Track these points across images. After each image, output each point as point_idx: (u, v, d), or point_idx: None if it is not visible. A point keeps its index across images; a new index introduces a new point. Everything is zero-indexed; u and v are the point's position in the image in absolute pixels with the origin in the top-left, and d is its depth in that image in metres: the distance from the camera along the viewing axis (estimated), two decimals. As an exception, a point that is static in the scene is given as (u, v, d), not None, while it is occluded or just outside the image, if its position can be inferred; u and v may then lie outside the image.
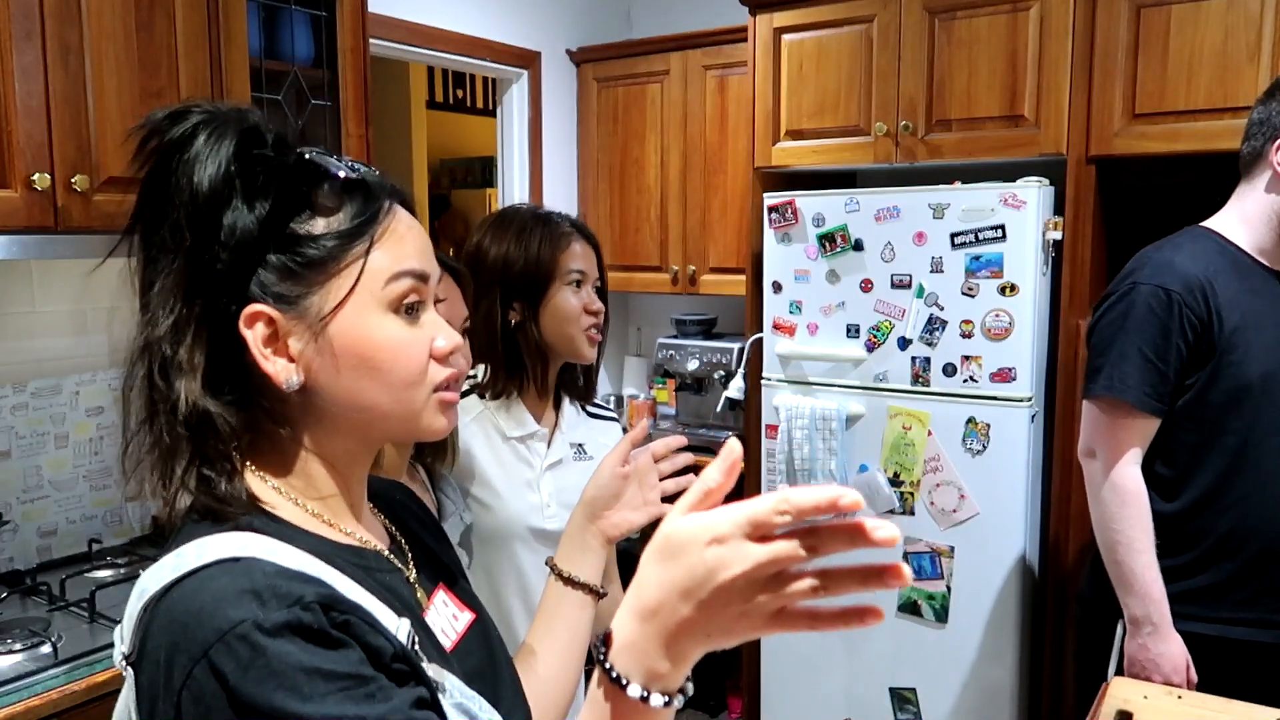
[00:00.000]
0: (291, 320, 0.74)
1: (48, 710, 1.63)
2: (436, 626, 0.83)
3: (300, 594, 0.66)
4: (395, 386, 0.76)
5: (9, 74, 1.75)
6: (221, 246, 0.72)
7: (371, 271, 0.75)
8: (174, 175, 0.72)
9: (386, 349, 0.75)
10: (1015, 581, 2.55)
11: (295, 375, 0.74)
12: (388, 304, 0.76)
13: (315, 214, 0.75)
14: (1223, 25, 2.32)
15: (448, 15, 3.20)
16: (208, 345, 0.73)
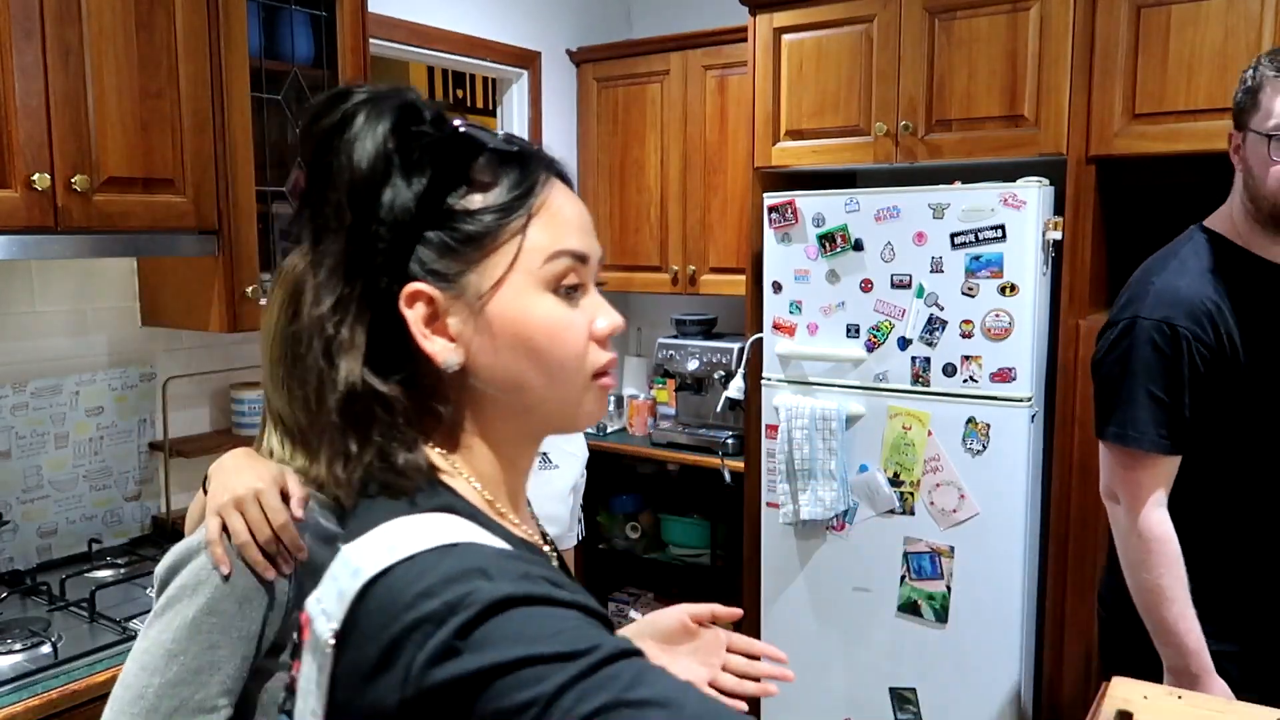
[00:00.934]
0: (450, 299, 0.72)
1: (48, 710, 1.63)
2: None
3: (525, 570, 0.65)
4: (553, 369, 0.74)
5: (9, 74, 1.75)
6: (381, 224, 0.70)
7: (529, 249, 0.73)
8: (336, 156, 0.71)
9: (544, 330, 0.73)
10: (1015, 581, 2.55)
11: (455, 355, 0.72)
12: (545, 283, 0.73)
13: (471, 189, 0.73)
14: (1223, 25, 2.32)
15: (448, 15, 3.20)
16: (370, 324, 0.72)
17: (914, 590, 2.68)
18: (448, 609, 0.61)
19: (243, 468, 1.10)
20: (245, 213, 2.17)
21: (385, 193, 0.71)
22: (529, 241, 0.73)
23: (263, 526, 1.04)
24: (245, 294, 2.18)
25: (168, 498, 2.43)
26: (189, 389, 2.49)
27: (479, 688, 0.59)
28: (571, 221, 0.75)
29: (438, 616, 0.61)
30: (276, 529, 1.05)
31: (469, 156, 0.73)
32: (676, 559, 3.68)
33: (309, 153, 0.73)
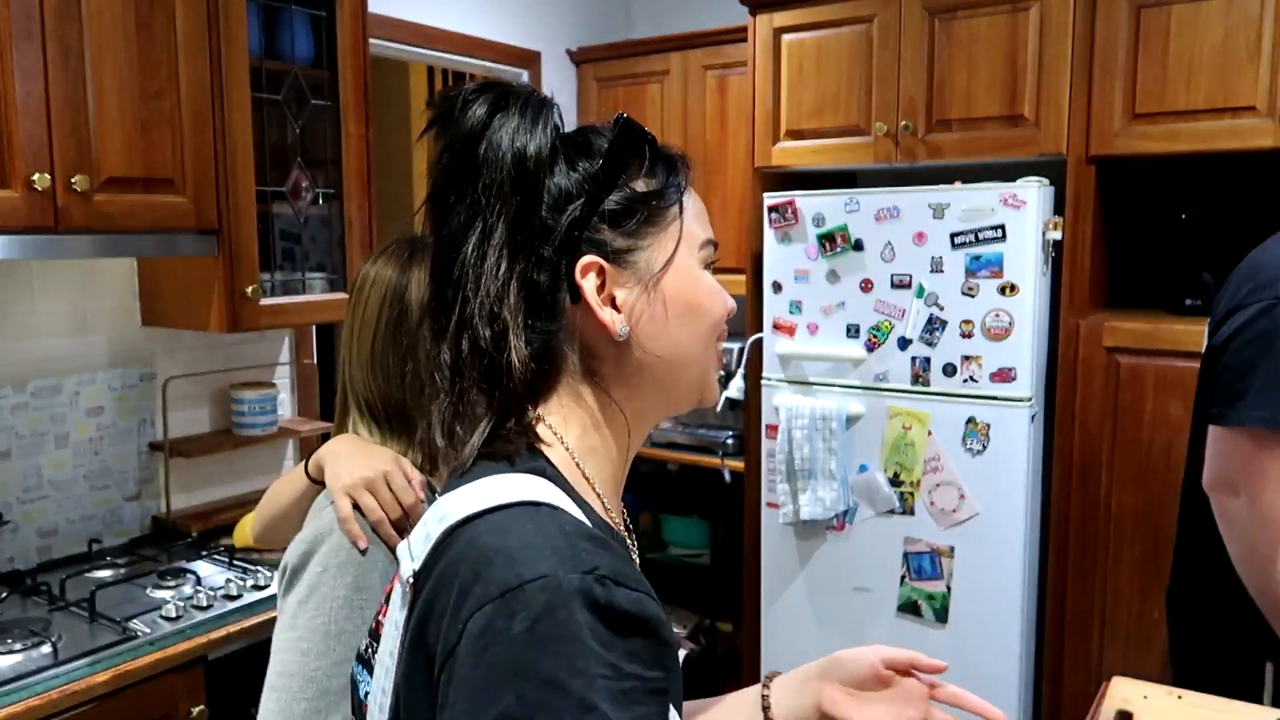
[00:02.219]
0: (621, 272, 0.77)
1: (48, 710, 1.63)
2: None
3: (596, 564, 0.66)
4: (710, 332, 0.81)
5: (9, 74, 1.75)
6: (549, 208, 0.76)
7: (688, 233, 0.81)
8: (489, 143, 0.75)
9: (708, 296, 0.81)
10: (1015, 581, 2.55)
11: (623, 325, 0.77)
12: (701, 262, 0.82)
13: (634, 176, 0.79)
14: (1223, 25, 2.32)
15: (448, 15, 3.20)
16: (525, 304, 0.76)
17: (914, 590, 2.68)
18: (515, 580, 0.64)
19: (362, 451, 1.16)
20: (245, 213, 2.17)
21: (555, 176, 0.76)
22: (686, 226, 0.81)
23: (394, 505, 1.11)
24: (245, 294, 2.18)
25: (168, 498, 2.43)
26: (189, 389, 2.49)
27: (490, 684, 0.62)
28: (704, 213, 0.85)
29: (503, 583, 0.64)
30: (407, 508, 1.12)
31: (635, 148, 0.79)
32: (676, 559, 3.68)
33: (454, 144, 0.76)
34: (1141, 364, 2.46)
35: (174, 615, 1.88)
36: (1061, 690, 2.66)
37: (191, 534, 2.36)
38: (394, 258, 1.21)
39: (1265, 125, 2.29)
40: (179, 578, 2.09)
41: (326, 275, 2.44)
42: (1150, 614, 2.51)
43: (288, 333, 2.73)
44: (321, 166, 2.39)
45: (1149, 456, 2.47)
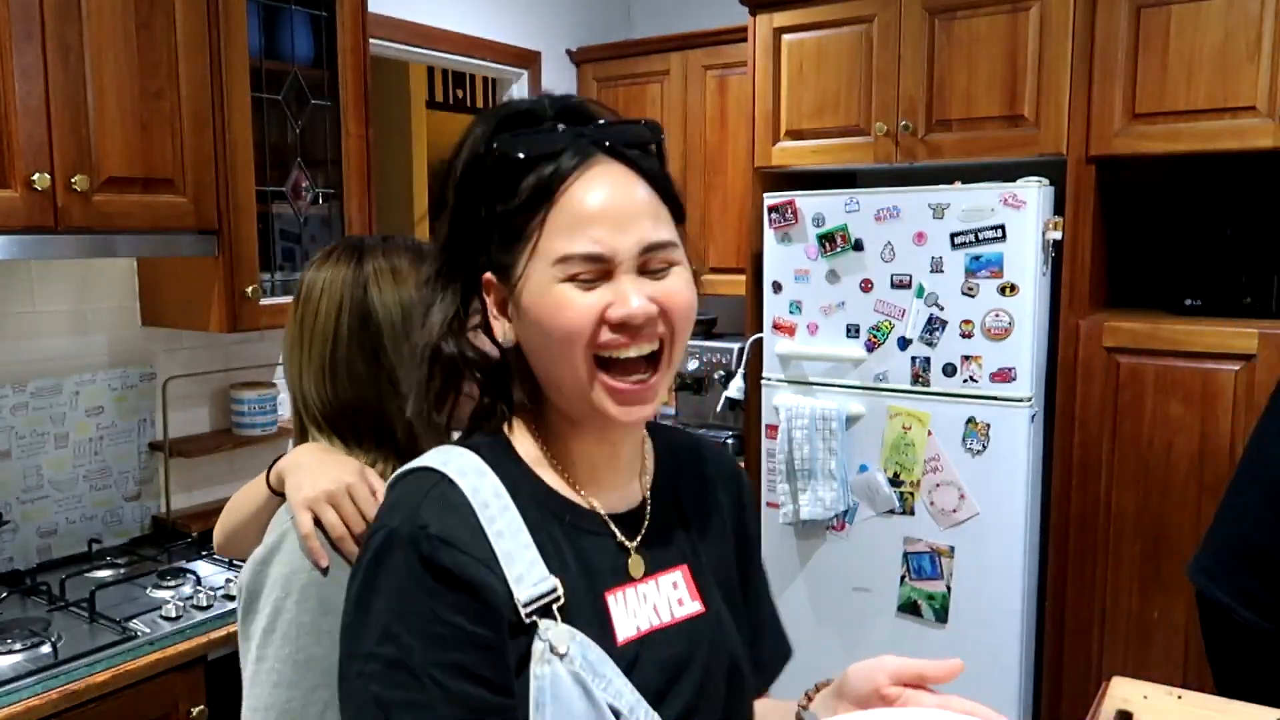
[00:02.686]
0: (504, 287, 0.83)
1: (48, 710, 1.63)
2: (646, 601, 0.86)
3: (427, 523, 0.77)
4: (556, 348, 0.80)
5: (9, 74, 1.75)
6: (468, 226, 0.84)
7: (542, 248, 0.80)
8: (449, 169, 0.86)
9: (549, 311, 0.79)
10: (1015, 581, 2.55)
11: (509, 335, 0.84)
12: (558, 277, 0.79)
13: (510, 195, 0.81)
14: (1223, 25, 2.32)
15: (448, 15, 3.20)
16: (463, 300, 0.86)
17: (914, 590, 2.68)
18: (375, 527, 0.81)
19: (324, 463, 1.11)
20: (245, 213, 2.17)
21: (473, 197, 0.83)
22: (544, 240, 0.80)
23: (357, 519, 1.06)
24: (245, 294, 2.18)
25: (168, 498, 2.43)
26: (189, 389, 2.49)
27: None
28: (591, 215, 0.79)
29: (371, 529, 0.82)
30: (370, 521, 1.06)
31: (506, 169, 0.81)
32: (676, 559, 3.67)
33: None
34: (1141, 364, 2.46)
35: (174, 615, 1.88)
36: (1061, 690, 2.66)
37: (191, 534, 2.36)
38: (342, 263, 1.16)
39: (1265, 125, 2.29)
40: (179, 578, 2.09)
41: (326, 275, 2.43)
42: (1150, 614, 2.51)
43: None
44: (321, 166, 2.39)
45: (1149, 456, 2.47)
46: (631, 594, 0.85)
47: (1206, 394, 2.38)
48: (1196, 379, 2.39)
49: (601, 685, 0.79)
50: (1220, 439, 2.37)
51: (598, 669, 0.79)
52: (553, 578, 0.80)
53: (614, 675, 0.80)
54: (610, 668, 0.80)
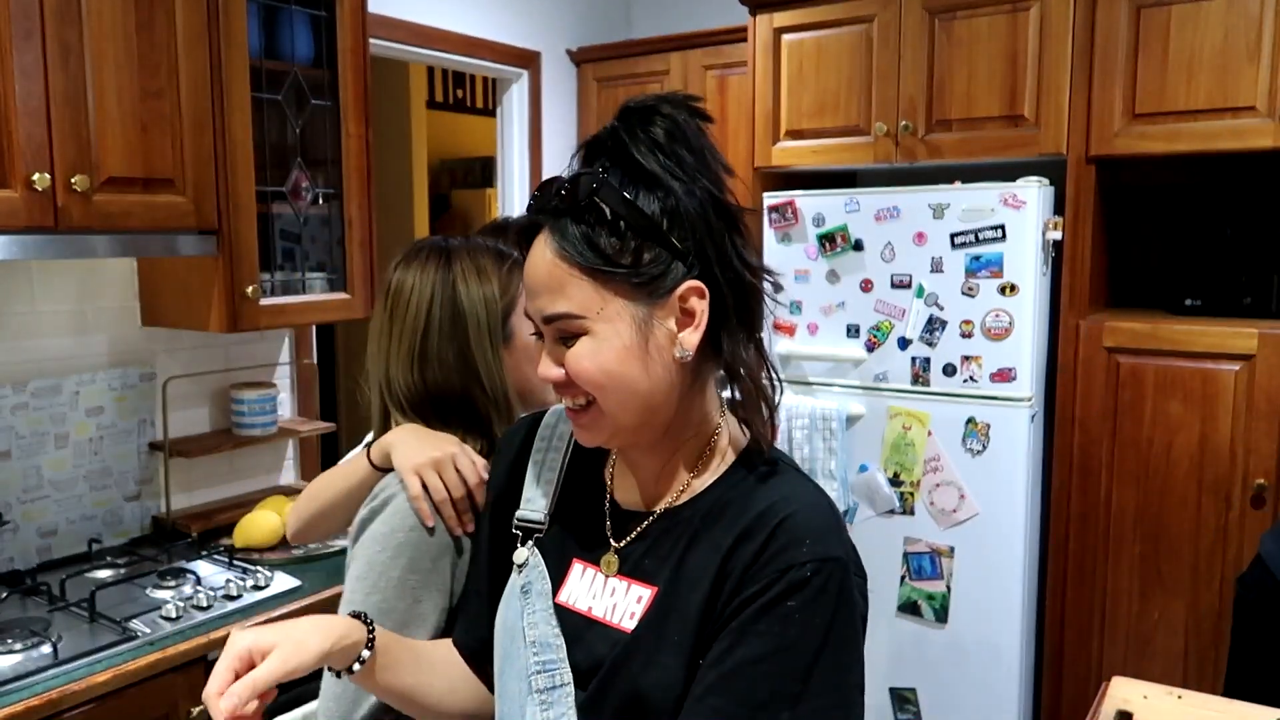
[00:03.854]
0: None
1: (48, 710, 1.63)
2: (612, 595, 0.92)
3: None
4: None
5: (9, 74, 1.75)
6: None
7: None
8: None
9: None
10: (1015, 581, 2.55)
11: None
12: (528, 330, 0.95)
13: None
14: (1223, 25, 2.32)
15: (448, 15, 3.20)
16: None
17: (914, 590, 2.68)
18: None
19: (428, 437, 1.22)
20: (245, 213, 2.17)
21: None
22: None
23: (458, 486, 1.17)
24: (245, 294, 2.18)
25: (168, 498, 2.43)
26: (189, 389, 2.49)
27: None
28: (529, 290, 0.89)
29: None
30: (472, 488, 1.18)
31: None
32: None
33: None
34: (1141, 364, 2.46)
35: (174, 615, 1.88)
36: (1061, 690, 2.66)
37: (191, 534, 2.36)
38: (429, 264, 1.28)
39: (1265, 125, 2.29)
40: (179, 578, 2.09)
41: (326, 275, 2.44)
42: (1150, 614, 2.51)
43: (288, 333, 2.73)
44: (321, 166, 2.39)
45: (1149, 456, 2.47)
46: (599, 579, 0.94)
47: (1206, 394, 2.38)
48: (1196, 379, 2.39)
49: (530, 610, 0.94)
50: (1220, 439, 2.37)
51: (534, 598, 0.95)
52: (544, 513, 0.99)
53: (541, 609, 0.94)
54: (543, 603, 0.94)
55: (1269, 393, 2.31)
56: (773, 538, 0.84)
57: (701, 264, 0.86)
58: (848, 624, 0.84)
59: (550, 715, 0.91)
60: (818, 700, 0.81)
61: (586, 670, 0.91)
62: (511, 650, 0.95)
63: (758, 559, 0.84)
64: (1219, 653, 2.42)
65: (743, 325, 0.90)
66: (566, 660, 0.91)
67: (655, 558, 0.91)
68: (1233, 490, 2.37)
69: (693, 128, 0.86)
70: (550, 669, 0.92)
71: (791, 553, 0.83)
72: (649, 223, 0.84)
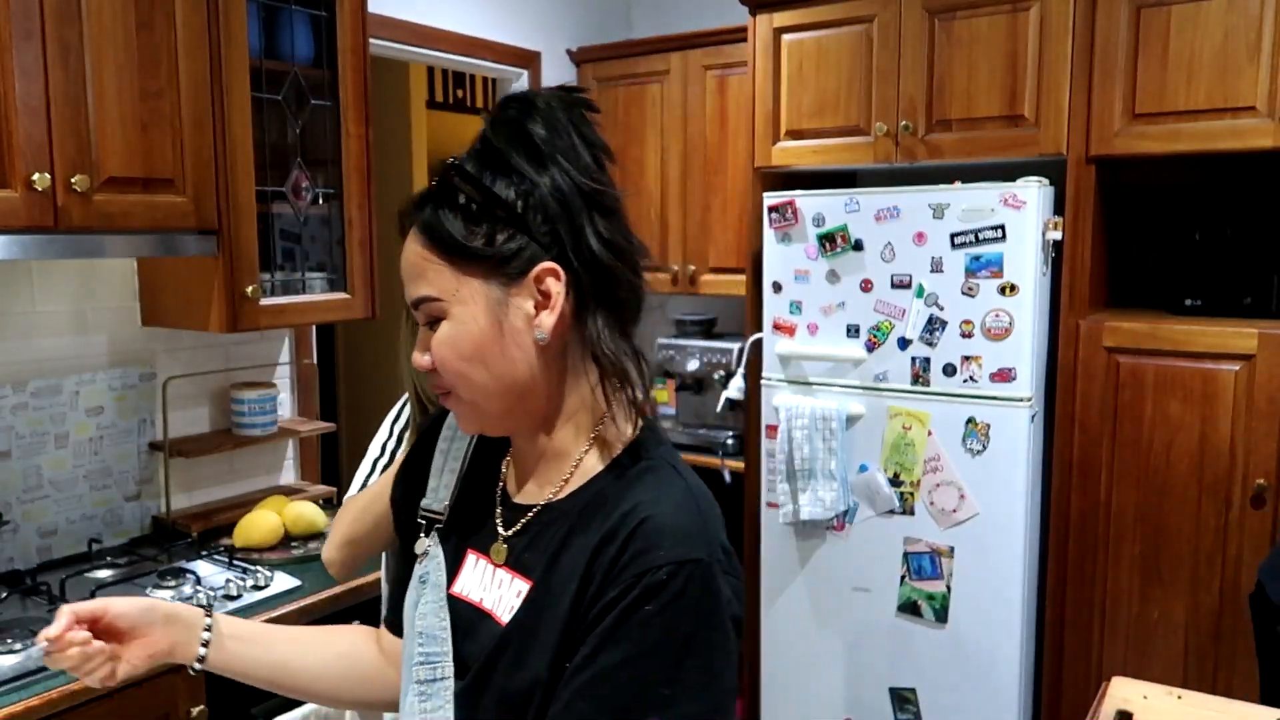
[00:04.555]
0: None
1: (47, 710, 1.63)
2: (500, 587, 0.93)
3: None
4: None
5: (9, 74, 1.75)
6: None
7: None
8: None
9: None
10: (1015, 581, 2.55)
11: None
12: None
13: None
14: (1223, 25, 2.32)
15: (448, 15, 3.20)
16: None
17: (914, 590, 2.68)
18: None
19: None
20: (245, 213, 2.17)
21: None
22: None
23: None
24: (245, 294, 2.18)
25: (168, 498, 2.43)
26: (189, 389, 2.49)
27: None
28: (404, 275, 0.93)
29: None
30: None
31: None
32: (676, 559, 3.67)
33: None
34: (1141, 364, 2.46)
35: (174, 615, 1.88)
36: (1061, 690, 2.66)
37: (191, 534, 2.36)
38: None
39: (1265, 125, 2.29)
40: (179, 578, 2.09)
41: (326, 275, 2.44)
42: (1150, 614, 2.51)
43: (288, 333, 2.73)
44: (321, 166, 2.39)
45: (1149, 456, 2.47)
46: (489, 570, 0.95)
47: (1206, 394, 2.38)
48: (1196, 379, 2.39)
49: (423, 600, 0.96)
50: (1220, 439, 2.37)
51: (429, 588, 0.97)
52: (444, 505, 1.00)
53: (433, 601, 0.96)
54: (436, 595, 0.96)
55: (1269, 393, 2.31)
56: (631, 540, 0.83)
57: (559, 247, 0.87)
58: (714, 627, 0.82)
59: (427, 707, 0.92)
60: (687, 706, 0.80)
61: (473, 662, 0.92)
62: (406, 640, 0.97)
63: (615, 563, 0.83)
64: (1219, 652, 2.43)
65: (603, 307, 0.90)
66: (450, 653, 0.92)
67: (535, 551, 0.91)
68: (1233, 490, 2.37)
69: (563, 117, 0.88)
70: (433, 661, 0.93)
71: (649, 556, 0.82)
72: (503, 205, 0.86)
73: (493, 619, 0.91)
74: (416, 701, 0.93)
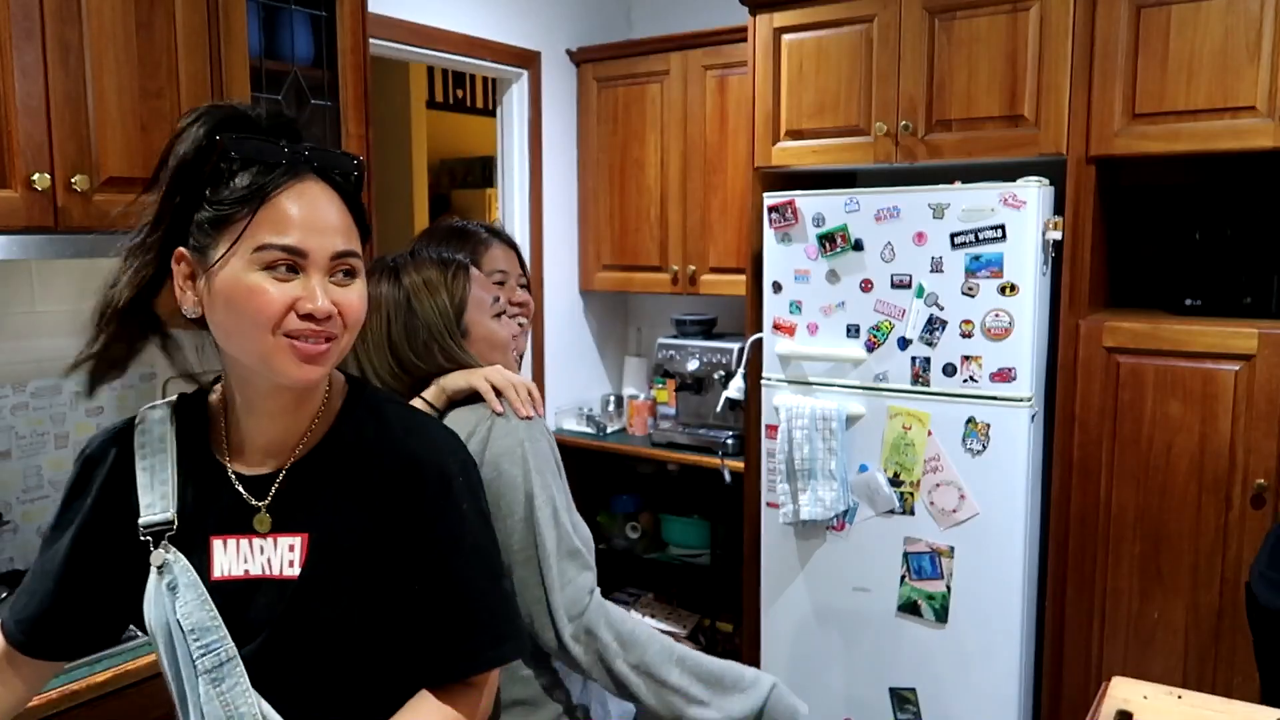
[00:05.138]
0: (198, 264, 0.98)
1: (47, 710, 1.63)
2: (262, 553, 1.03)
3: (88, 444, 1.10)
4: (246, 325, 0.95)
5: (9, 74, 1.75)
6: (175, 207, 0.98)
7: (246, 238, 0.95)
8: (167, 152, 0.98)
9: (244, 295, 0.95)
10: (1015, 581, 2.55)
11: (194, 308, 1.00)
12: (259, 264, 0.95)
13: (220, 187, 0.96)
14: (1223, 25, 2.32)
15: (448, 15, 3.20)
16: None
17: (914, 590, 2.68)
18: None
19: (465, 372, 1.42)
20: (245, 213, 2.17)
21: (185, 182, 0.97)
22: (249, 232, 0.95)
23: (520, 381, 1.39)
24: (245, 294, 2.18)
25: (168, 498, 2.43)
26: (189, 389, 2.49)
27: None
28: (294, 221, 0.96)
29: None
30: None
31: (226, 165, 0.96)
32: (676, 559, 3.68)
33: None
34: (1141, 364, 2.46)
35: (174, 615, 1.88)
36: (1061, 690, 2.66)
37: (191, 534, 2.36)
38: (382, 286, 1.42)
39: (1265, 125, 2.29)
40: (179, 578, 2.09)
41: (326, 275, 2.43)
42: (1150, 614, 2.51)
43: (288, 333, 2.73)
44: (321, 166, 2.39)
45: (1149, 456, 2.47)
46: (245, 544, 1.03)
47: (1206, 394, 2.38)
48: (1196, 379, 2.39)
49: (181, 602, 1.00)
50: (1220, 439, 2.37)
51: (181, 590, 1.01)
52: (169, 513, 1.03)
53: (193, 599, 1.00)
54: (194, 593, 1.00)
55: (1269, 393, 2.31)
56: (419, 469, 1.04)
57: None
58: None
59: (224, 689, 0.99)
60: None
61: (261, 623, 1.00)
62: (171, 644, 1.01)
63: (421, 492, 1.04)
64: (1219, 652, 2.43)
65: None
66: (228, 636, 1.00)
67: (298, 507, 1.03)
68: (1233, 490, 2.37)
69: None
70: (213, 649, 1.00)
71: (425, 471, 1.05)
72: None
73: (272, 580, 1.02)
74: (211, 689, 0.99)
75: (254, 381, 1.02)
